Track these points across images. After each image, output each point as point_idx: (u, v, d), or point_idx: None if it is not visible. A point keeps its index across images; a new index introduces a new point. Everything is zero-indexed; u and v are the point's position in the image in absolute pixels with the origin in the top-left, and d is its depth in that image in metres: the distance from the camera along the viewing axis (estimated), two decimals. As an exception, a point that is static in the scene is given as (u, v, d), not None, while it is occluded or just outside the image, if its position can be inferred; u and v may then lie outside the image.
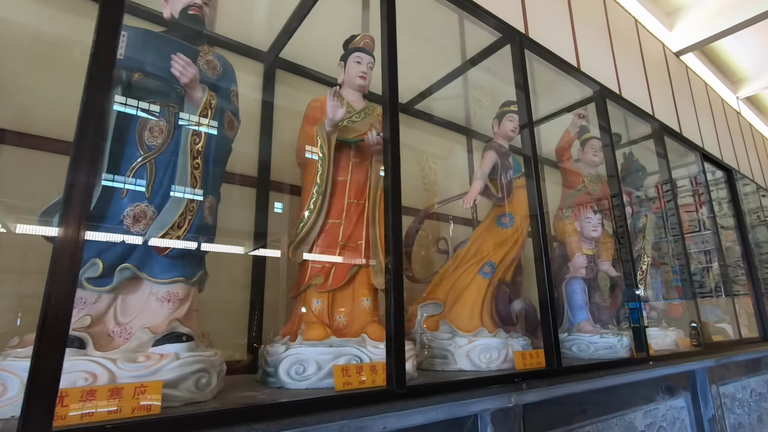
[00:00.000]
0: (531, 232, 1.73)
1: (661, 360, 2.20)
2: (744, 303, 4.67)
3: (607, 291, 3.03)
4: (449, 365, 1.70)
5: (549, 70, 2.49)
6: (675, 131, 3.02)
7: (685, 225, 4.01)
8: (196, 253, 1.21)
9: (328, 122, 1.51)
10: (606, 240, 2.52)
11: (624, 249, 2.95)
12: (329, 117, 1.50)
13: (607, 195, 2.47)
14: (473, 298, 1.85)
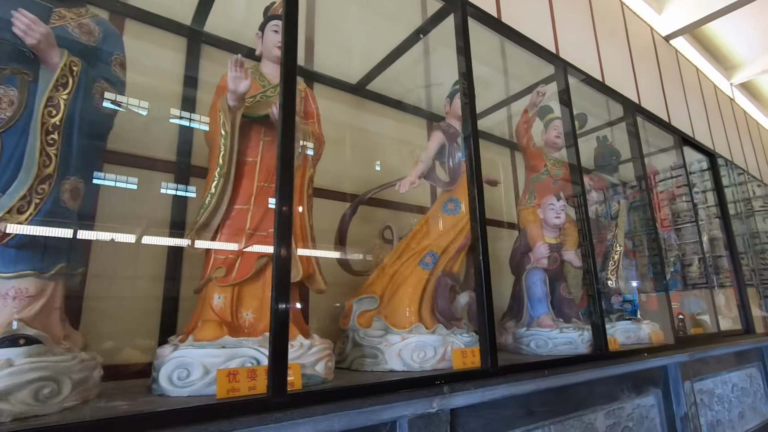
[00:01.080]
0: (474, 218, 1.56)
1: (627, 356, 2.04)
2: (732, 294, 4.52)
3: (577, 283, 2.87)
4: (379, 365, 1.54)
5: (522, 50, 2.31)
6: (651, 113, 2.84)
7: (674, 215, 3.86)
8: (51, 243, 1.04)
9: (231, 95, 1.34)
10: (570, 228, 2.35)
11: (596, 237, 2.79)
12: (231, 89, 1.33)
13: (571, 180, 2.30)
14: (411, 291, 1.69)
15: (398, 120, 2.51)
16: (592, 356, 1.84)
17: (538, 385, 1.57)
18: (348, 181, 2.20)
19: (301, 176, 1.44)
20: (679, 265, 3.38)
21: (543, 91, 2.16)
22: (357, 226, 2.18)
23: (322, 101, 2.26)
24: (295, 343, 1.28)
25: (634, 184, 3.32)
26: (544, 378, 1.57)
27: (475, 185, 1.56)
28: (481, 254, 1.50)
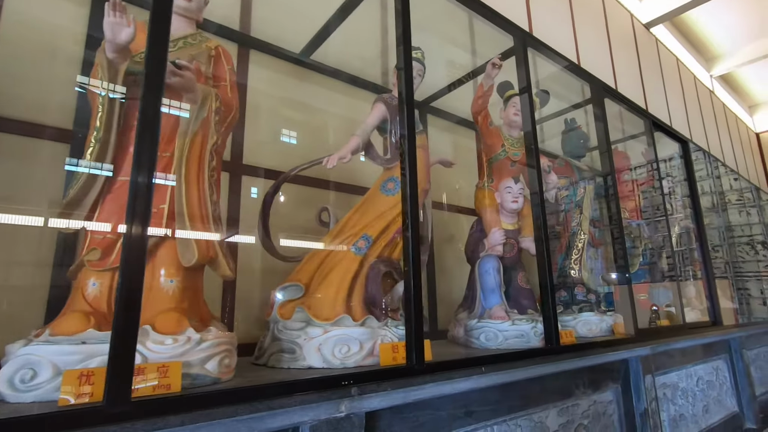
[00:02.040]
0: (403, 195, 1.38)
1: (581, 349, 1.90)
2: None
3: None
4: (297, 361, 1.36)
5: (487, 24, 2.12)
6: (622, 95, 2.69)
7: (655, 206, 3.75)
8: None
9: (109, 46, 1.13)
10: (529, 213, 2.20)
11: (559, 224, 2.64)
12: (108, 38, 1.12)
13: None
14: (340, 278, 1.51)
15: (350, 95, 2.31)
16: (541, 351, 1.69)
17: (477, 383, 1.41)
18: (290, 160, 2.01)
19: (200, 145, 1.24)
20: (649, 256, 3.27)
21: (498, 62, 1.98)
22: (296, 209, 1.99)
23: (259, 70, 2.05)
24: (181, 337, 1.09)
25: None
26: (484, 375, 1.41)
27: (407, 160, 1.38)
28: (410, 233, 1.33)
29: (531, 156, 1.89)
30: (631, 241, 3.21)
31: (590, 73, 2.42)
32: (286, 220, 1.88)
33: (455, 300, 2.37)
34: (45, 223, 1.40)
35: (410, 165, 1.37)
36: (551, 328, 1.75)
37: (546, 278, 1.79)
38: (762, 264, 6.57)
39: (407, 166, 1.37)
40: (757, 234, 6.48)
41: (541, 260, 1.82)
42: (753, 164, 9.83)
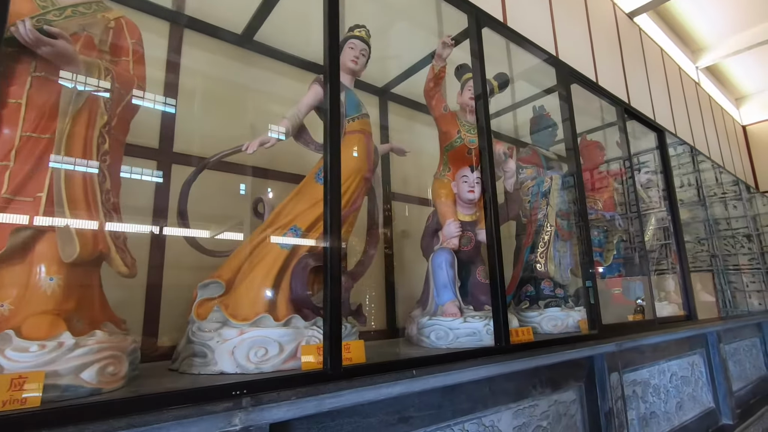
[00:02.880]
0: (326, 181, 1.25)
1: (536, 347, 1.79)
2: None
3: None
4: (208, 366, 1.23)
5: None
6: (588, 79, 2.57)
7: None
8: None
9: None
10: (488, 204, 2.07)
11: (529, 216, 2.53)
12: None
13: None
14: (263, 274, 1.38)
15: (297, 78, 2.17)
16: (485, 351, 1.57)
17: (409, 387, 1.29)
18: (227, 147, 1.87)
19: (85, 125, 1.10)
20: (623, 249, 3.17)
21: (449, 41, 1.84)
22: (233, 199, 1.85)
23: (195, 51, 1.90)
24: (51, 342, 0.95)
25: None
26: (417, 378, 1.29)
27: (329, 143, 1.25)
28: (329, 221, 1.20)
29: (483, 138, 1.76)
30: (605, 233, 3.10)
31: (559, 57, 2.30)
32: (220, 210, 1.75)
33: (417, 297, 2.26)
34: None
35: (332, 147, 1.24)
36: (500, 327, 1.63)
37: (495, 272, 1.66)
38: (747, 257, 6.53)
39: (328, 149, 1.23)
40: (741, 227, 6.43)
41: (490, 253, 1.69)
42: (739, 157, 9.80)
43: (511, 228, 2.74)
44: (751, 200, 7.19)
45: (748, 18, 7.31)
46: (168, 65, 1.79)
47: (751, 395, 3.89)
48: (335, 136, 1.26)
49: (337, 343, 1.13)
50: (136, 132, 1.62)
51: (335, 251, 1.17)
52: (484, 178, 1.74)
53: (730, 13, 7.24)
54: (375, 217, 1.96)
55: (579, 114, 3.78)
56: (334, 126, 1.26)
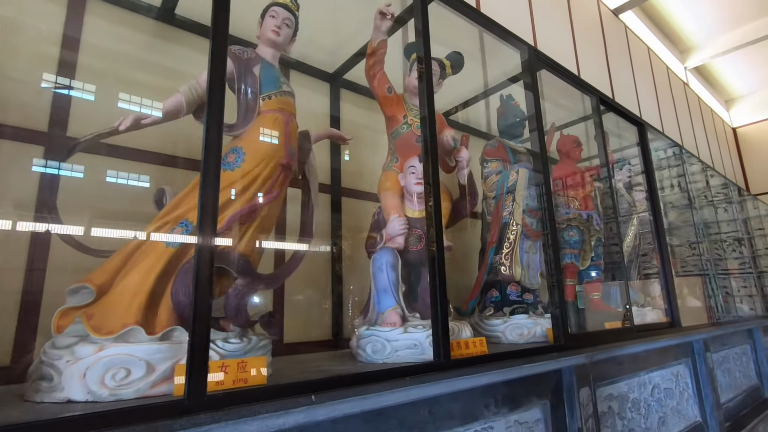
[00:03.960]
0: (202, 172, 1.01)
1: (487, 362, 1.55)
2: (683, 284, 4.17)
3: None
4: (53, 392, 0.99)
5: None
6: (558, 64, 2.36)
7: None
8: None
9: None
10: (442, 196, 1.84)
11: (494, 213, 2.31)
12: None
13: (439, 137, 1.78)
14: (141, 277, 1.14)
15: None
16: (423, 366, 1.33)
17: (309, 416, 1.04)
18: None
19: None
20: (601, 250, 2.95)
21: (387, 10, 1.62)
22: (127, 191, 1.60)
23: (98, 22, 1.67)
24: None
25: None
26: (317, 406, 1.04)
27: (208, 118, 1.01)
28: (202, 212, 0.96)
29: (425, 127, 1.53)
30: (581, 233, 2.88)
31: (518, 36, 2.08)
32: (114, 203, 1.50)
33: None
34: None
35: (209, 122, 1.01)
36: (439, 338, 1.39)
37: (435, 276, 1.43)
38: (738, 261, 6.35)
39: (206, 125, 1.00)
40: (730, 231, 6.25)
41: (430, 254, 1.46)
42: (729, 159, 9.66)
43: (476, 227, 2.51)
44: (742, 203, 7.01)
45: (738, 16, 7.18)
46: (65, 40, 1.56)
47: (741, 407, 3.66)
48: (215, 111, 1.02)
49: (201, 365, 0.89)
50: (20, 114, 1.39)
51: (205, 249, 0.93)
52: (427, 169, 1.51)
53: (718, 11, 7.10)
54: (309, 214, 1.72)
55: (556, 108, 3.58)
56: (213, 97, 1.03)
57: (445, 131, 1.75)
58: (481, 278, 2.30)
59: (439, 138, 1.76)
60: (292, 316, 1.96)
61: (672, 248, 4.65)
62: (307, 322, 2.01)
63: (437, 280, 1.41)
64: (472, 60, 3.05)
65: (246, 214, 1.29)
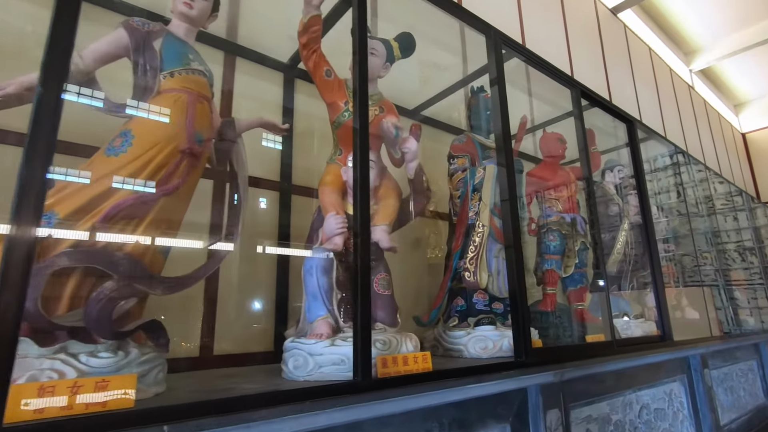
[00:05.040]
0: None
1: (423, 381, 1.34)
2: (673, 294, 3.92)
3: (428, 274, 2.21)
4: None
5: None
6: (529, 51, 2.16)
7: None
8: None
9: None
10: (387, 193, 1.65)
11: (459, 214, 2.12)
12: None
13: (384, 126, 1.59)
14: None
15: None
16: (336, 387, 1.13)
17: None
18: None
19: None
20: (586, 256, 2.72)
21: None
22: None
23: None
24: None
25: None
26: None
27: (42, 84, 0.83)
28: (18, 200, 0.78)
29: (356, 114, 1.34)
30: (563, 238, 2.66)
31: (484, 20, 1.89)
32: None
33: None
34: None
35: (47, 80, 0.83)
36: (359, 355, 1.19)
37: (357, 283, 1.23)
38: (750, 271, 6.04)
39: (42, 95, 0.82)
40: (739, 240, 5.95)
41: (354, 260, 1.26)
42: (739, 166, 9.32)
43: (441, 228, 2.32)
44: (752, 212, 6.69)
45: (744, 17, 6.92)
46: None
47: (746, 428, 3.37)
48: (52, 69, 0.84)
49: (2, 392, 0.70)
50: None
51: (18, 242, 0.75)
52: (356, 162, 1.32)
53: (724, 11, 6.85)
54: (236, 210, 1.54)
55: (544, 104, 3.38)
56: (52, 56, 0.85)
57: (386, 118, 1.57)
58: (445, 285, 2.10)
59: (380, 126, 1.57)
60: (228, 325, 1.77)
61: (675, 257, 4.40)
62: (245, 332, 1.82)
63: (359, 286, 1.22)
64: (454, 53, 2.88)
65: (133, 206, 1.11)
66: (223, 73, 1.99)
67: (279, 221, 2.01)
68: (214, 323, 1.74)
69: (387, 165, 1.74)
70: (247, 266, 1.88)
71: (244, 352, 1.76)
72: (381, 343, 1.39)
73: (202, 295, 1.74)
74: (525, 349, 1.61)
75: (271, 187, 2.02)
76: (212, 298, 1.75)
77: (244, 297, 1.84)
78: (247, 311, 1.83)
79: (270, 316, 1.92)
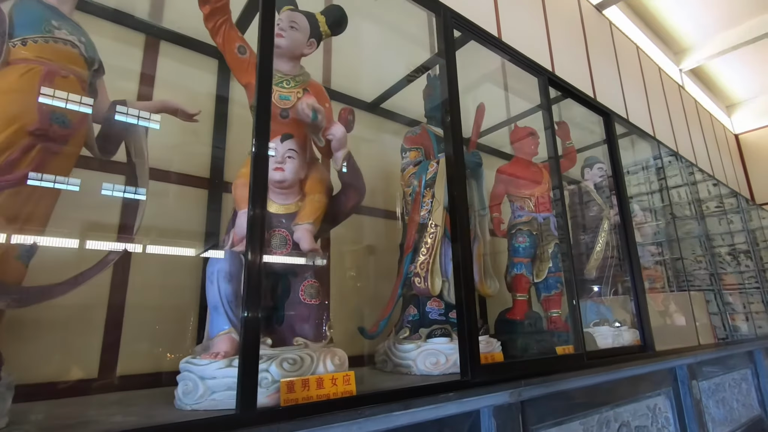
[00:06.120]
0: None
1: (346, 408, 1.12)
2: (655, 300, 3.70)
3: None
4: None
5: None
6: (491, 35, 1.96)
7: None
8: None
9: None
10: (314, 187, 1.44)
11: (410, 212, 1.93)
12: None
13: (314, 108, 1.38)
14: None
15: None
16: (203, 424, 0.91)
17: None
18: None
19: None
20: (560, 260, 2.50)
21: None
22: None
23: None
24: None
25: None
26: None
27: None
28: None
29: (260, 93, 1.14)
30: (534, 239, 2.45)
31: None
32: None
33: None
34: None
35: None
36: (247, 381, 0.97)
37: (248, 291, 1.01)
38: (745, 275, 5.82)
39: None
40: (734, 243, 5.74)
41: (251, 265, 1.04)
42: (732, 168, 9.14)
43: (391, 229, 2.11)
44: (747, 213, 6.48)
45: (734, 14, 6.77)
46: None
47: (739, 444, 3.15)
48: None
49: None
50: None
51: None
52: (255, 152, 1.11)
53: (712, 10, 6.70)
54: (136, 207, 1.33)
55: (518, 98, 3.19)
56: None
57: (303, 99, 1.36)
58: (395, 292, 1.88)
59: (295, 108, 1.36)
60: (136, 340, 1.55)
61: (665, 261, 4.20)
62: (159, 349, 1.60)
63: (249, 296, 1.00)
64: (423, 48, 2.69)
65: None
66: (143, 57, 1.79)
67: (207, 222, 1.80)
68: (120, 338, 1.51)
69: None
70: (165, 272, 1.66)
71: (155, 372, 1.54)
72: (289, 363, 1.16)
73: (105, 305, 1.52)
74: (471, 366, 1.39)
75: (200, 185, 1.81)
76: (118, 310, 1.53)
77: (159, 308, 1.61)
78: (162, 324, 1.61)
79: (193, 330, 1.69)
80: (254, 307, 1.00)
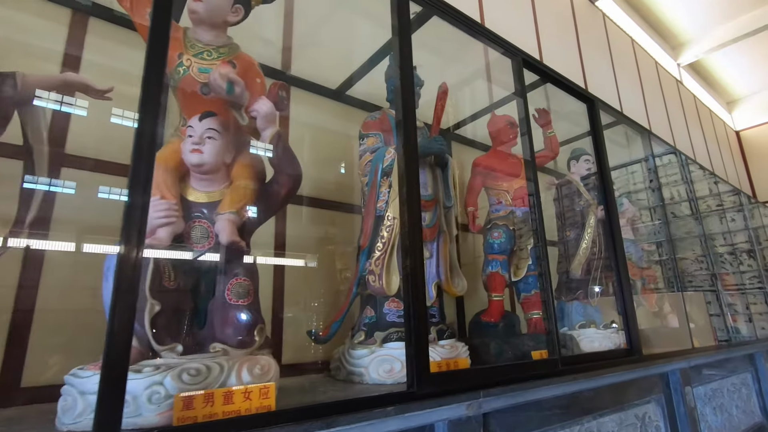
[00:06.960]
0: None
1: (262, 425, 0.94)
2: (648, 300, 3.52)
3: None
4: None
5: None
6: (454, 9, 1.79)
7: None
8: None
9: None
10: (240, 174, 1.27)
11: (366, 204, 1.76)
12: None
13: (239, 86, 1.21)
14: None
15: None
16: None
17: None
18: None
19: None
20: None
21: None
22: None
23: None
24: None
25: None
26: None
27: None
28: None
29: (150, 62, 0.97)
30: (510, 235, 2.27)
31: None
32: None
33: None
34: None
35: None
36: (112, 399, 0.79)
37: (117, 295, 0.84)
38: (747, 275, 5.61)
39: None
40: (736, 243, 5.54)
41: (123, 260, 0.87)
42: (733, 165, 8.93)
43: (350, 223, 1.93)
44: (748, 210, 6.28)
45: (733, 6, 6.58)
46: None
47: (739, 453, 2.95)
48: None
49: None
50: None
51: None
52: (141, 128, 0.94)
53: (711, 2, 6.51)
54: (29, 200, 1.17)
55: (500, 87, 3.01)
56: None
57: (216, 69, 1.18)
58: (350, 292, 1.70)
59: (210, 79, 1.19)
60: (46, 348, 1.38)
61: (663, 260, 4.02)
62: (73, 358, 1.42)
63: (118, 297, 0.83)
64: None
65: None
66: (67, 36, 1.63)
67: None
68: (26, 346, 1.34)
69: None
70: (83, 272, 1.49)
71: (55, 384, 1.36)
72: (190, 374, 0.99)
73: (10, 309, 1.35)
74: (418, 375, 1.21)
75: (123, 173, 1.64)
76: (26, 314, 1.36)
77: (75, 311, 1.44)
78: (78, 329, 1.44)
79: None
80: (124, 309, 0.83)
